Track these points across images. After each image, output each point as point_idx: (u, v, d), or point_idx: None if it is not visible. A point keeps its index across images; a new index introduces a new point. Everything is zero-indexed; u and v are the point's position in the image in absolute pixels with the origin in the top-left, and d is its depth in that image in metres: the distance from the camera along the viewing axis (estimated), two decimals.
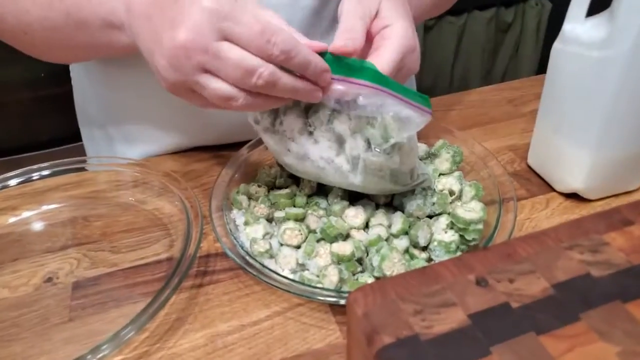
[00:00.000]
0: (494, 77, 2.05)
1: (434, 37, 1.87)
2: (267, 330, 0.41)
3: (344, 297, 0.39)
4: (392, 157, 0.41)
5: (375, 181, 0.44)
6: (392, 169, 0.43)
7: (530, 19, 1.94)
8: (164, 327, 0.42)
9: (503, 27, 1.95)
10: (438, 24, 1.85)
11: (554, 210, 0.50)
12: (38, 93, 1.46)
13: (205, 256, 0.48)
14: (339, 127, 0.42)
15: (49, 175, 0.53)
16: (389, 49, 0.41)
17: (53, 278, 0.46)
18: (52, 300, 0.44)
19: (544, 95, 0.51)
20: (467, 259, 0.35)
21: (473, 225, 0.43)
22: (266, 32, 0.35)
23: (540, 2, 1.91)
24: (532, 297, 0.32)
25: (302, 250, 0.44)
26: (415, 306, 0.32)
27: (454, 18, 1.83)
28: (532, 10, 1.91)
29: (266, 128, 0.45)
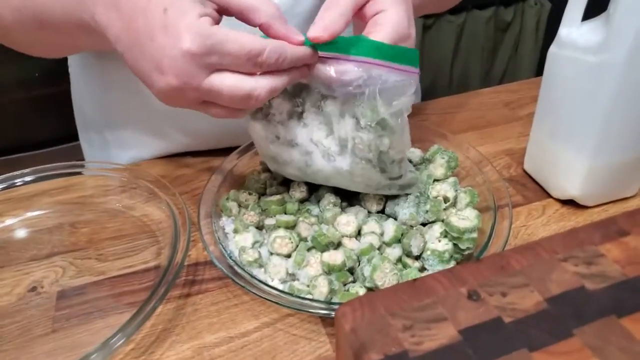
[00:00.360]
0: (494, 76, 2.04)
1: (432, 35, 1.86)
2: (256, 342, 0.40)
3: (334, 309, 0.38)
4: (382, 138, 0.41)
5: (363, 166, 0.43)
6: (381, 151, 0.42)
7: (529, 19, 1.92)
8: (150, 339, 0.41)
9: (502, 27, 1.93)
10: (437, 23, 1.84)
11: (550, 217, 0.49)
12: (32, 93, 1.46)
13: (194, 264, 0.47)
14: (329, 107, 0.41)
15: (33, 181, 0.52)
16: (379, 36, 0.40)
17: (37, 287, 0.45)
18: (35, 310, 0.43)
19: (540, 99, 0.50)
20: (459, 271, 0.34)
21: (467, 234, 0.42)
22: (252, 56, 0.35)
23: (540, 1, 1.90)
24: (525, 312, 0.31)
25: (292, 259, 0.43)
26: (404, 321, 0.31)
27: (453, 17, 1.82)
28: (531, 10, 1.90)
29: (254, 113, 0.44)
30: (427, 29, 1.82)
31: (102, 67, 0.59)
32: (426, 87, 1.96)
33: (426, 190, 0.48)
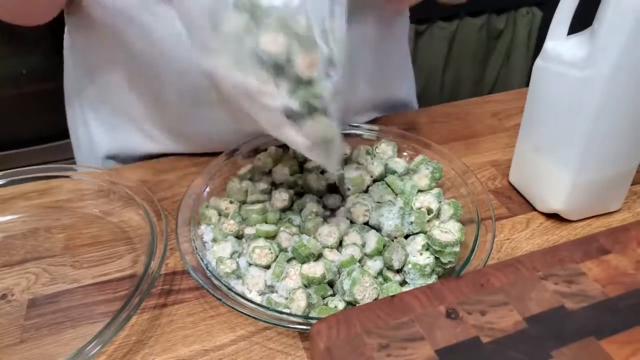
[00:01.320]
0: (485, 84, 2.05)
1: (425, 42, 1.86)
2: (231, 356, 0.39)
3: (311, 324, 0.37)
4: None
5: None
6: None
7: (521, 27, 1.94)
8: (122, 350, 0.40)
9: (494, 34, 1.94)
10: (429, 29, 1.84)
11: (534, 230, 0.49)
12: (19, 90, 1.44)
13: (171, 273, 0.46)
14: None
15: (6, 184, 0.51)
16: None
17: (7, 295, 0.44)
18: (4, 319, 0.42)
19: (526, 112, 0.49)
20: (438, 288, 0.33)
21: (449, 247, 0.42)
22: None
23: (531, 10, 1.91)
24: (504, 332, 0.30)
25: (271, 271, 0.42)
26: (380, 340, 0.30)
27: (446, 24, 1.83)
28: (523, 19, 1.91)
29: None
30: (420, 35, 1.82)
31: (102, 58, 0.59)
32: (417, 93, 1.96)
33: (410, 201, 0.48)
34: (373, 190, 0.50)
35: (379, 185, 0.50)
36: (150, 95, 0.58)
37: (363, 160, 0.54)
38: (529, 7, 1.90)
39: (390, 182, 0.50)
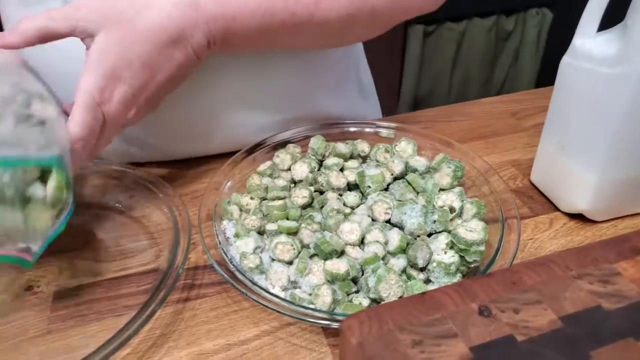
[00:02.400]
0: (493, 85, 2.04)
1: (433, 42, 1.85)
2: (255, 350, 0.39)
3: (337, 320, 0.37)
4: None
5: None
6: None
7: (530, 28, 1.93)
8: (147, 343, 0.40)
9: (503, 36, 1.94)
10: (437, 30, 1.84)
11: (557, 231, 0.49)
12: None
13: (193, 268, 0.46)
14: None
15: None
16: (72, 118, 0.39)
17: (34, 287, 0.44)
18: (31, 310, 0.42)
19: (550, 110, 0.49)
20: (469, 285, 0.33)
21: (475, 246, 0.41)
22: None
23: (541, 11, 1.90)
24: (539, 330, 0.30)
25: (294, 266, 0.42)
26: (414, 336, 0.30)
27: (454, 24, 1.82)
28: (532, 20, 1.91)
29: None
30: (428, 35, 1.82)
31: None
32: (424, 94, 1.96)
33: (432, 199, 0.47)
34: (394, 188, 0.50)
35: (399, 183, 0.50)
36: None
37: (382, 158, 0.54)
38: (539, 8, 1.89)
39: (411, 180, 0.50)
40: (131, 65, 0.41)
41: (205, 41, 0.45)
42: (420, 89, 1.95)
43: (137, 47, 0.41)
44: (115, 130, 0.44)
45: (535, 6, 1.89)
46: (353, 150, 0.55)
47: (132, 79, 0.42)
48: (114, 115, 0.42)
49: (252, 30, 0.46)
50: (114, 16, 0.41)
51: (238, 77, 0.53)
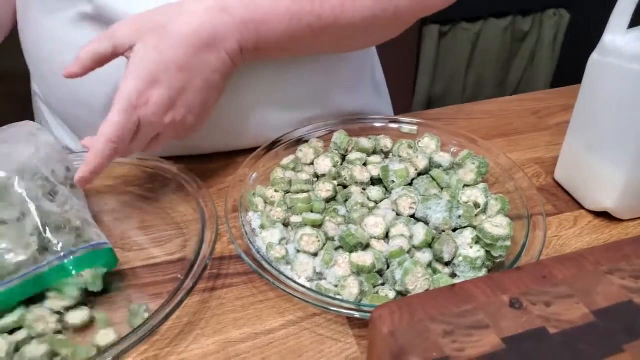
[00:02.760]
0: (508, 86, 2.03)
1: (448, 42, 1.85)
2: (282, 340, 0.39)
3: (364, 310, 0.37)
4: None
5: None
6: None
7: (547, 29, 1.92)
8: (174, 331, 0.41)
9: (519, 36, 1.93)
10: (453, 30, 1.83)
11: (582, 228, 0.49)
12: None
13: (218, 258, 0.47)
14: None
15: None
16: (110, 116, 0.42)
17: None
18: None
19: (577, 108, 0.49)
20: (499, 278, 0.33)
21: (501, 241, 0.41)
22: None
23: (559, 12, 1.89)
24: (571, 324, 0.30)
25: (320, 258, 0.43)
26: (445, 327, 0.30)
27: (470, 25, 1.82)
28: (549, 20, 1.89)
29: None
30: (443, 35, 1.81)
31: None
32: (439, 94, 1.95)
33: (456, 195, 0.47)
34: (418, 183, 0.50)
35: (423, 179, 0.50)
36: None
37: (405, 154, 0.54)
38: (556, 8, 1.88)
39: (435, 175, 0.50)
40: (168, 70, 0.43)
41: (238, 46, 0.46)
42: (434, 88, 1.95)
43: (173, 52, 0.43)
44: (149, 134, 0.46)
45: (553, 7, 1.87)
46: (376, 146, 0.55)
47: (169, 82, 0.43)
48: (150, 118, 0.44)
49: (281, 35, 0.47)
50: (149, 27, 0.44)
51: (262, 79, 0.54)
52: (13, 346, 0.37)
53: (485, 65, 1.95)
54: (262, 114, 0.57)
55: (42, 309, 0.39)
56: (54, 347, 0.37)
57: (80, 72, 0.44)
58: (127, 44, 0.44)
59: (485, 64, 1.95)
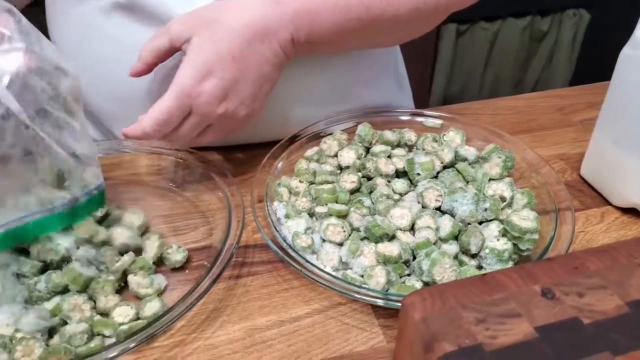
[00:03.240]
0: (525, 86, 2.01)
1: (466, 41, 1.84)
2: (307, 328, 0.40)
3: (391, 299, 0.37)
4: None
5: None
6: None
7: (566, 30, 1.89)
8: (200, 317, 0.41)
9: (537, 36, 1.91)
10: (471, 29, 1.82)
11: (609, 224, 0.48)
12: None
13: (243, 247, 0.47)
14: None
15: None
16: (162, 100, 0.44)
17: None
18: None
19: (606, 103, 0.48)
20: (530, 268, 0.33)
21: (529, 234, 0.41)
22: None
23: (579, 12, 1.87)
24: (605, 314, 0.30)
25: (345, 248, 0.43)
26: (477, 315, 0.30)
27: (488, 24, 1.80)
28: (569, 21, 1.87)
29: None
30: (461, 34, 1.80)
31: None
32: (455, 93, 1.94)
33: (482, 188, 0.47)
34: (443, 176, 0.50)
35: (449, 172, 0.50)
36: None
37: (429, 147, 0.54)
38: (576, 8, 1.85)
39: (461, 169, 0.50)
40: (222, 60, 0.44)
41: (290, 36, 0.47)
42: (451, 88, 1.93)
43: (226, 44, 0.44)
44: (202, 124, 0.47)
45: (572, 7, 1.85)
46: (400, 139, 0.55)
47: (222, 72, 0.45)
48: (203, 107, 0.45)
49: (331, 26, 0.48)
50: (203, 21, 0.45)
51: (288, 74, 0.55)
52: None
53: (503, 65, 1.94)
54: (288, 108, 0.57)
55: (77, 296, 0.40)
56: (95, 327, 0.38)
57: (145, 69, 0.47)
58: (182, 38, 0.45)
59: (503, 64, 1.93)
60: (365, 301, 0.38)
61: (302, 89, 0.57)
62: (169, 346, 0.39)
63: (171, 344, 0.39)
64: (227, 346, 0.39)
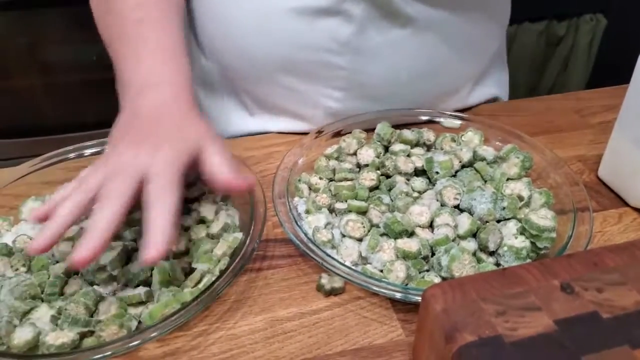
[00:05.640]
0: (540, 91, 2.00)
1: None
2: (327, 320, 0.41)
3: (410, 293, 0.38)
4: None
5: None
6: None
7: (583, 35, 1.88)
8: (222, 307, 0.42)
9: (554, 41, 1.89)
10: None
11: (627, 225, 0.48)
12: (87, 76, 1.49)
13: (264, 241, 0.48)
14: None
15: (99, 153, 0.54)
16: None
17: None
18: None
19: (626, 104, 0.48)
20: (549, 264, 0.34)
21: (547, 233, 0.42)
22: None
23: (596, 17, 1.85)
24: (624, 309, 0.30)
25: (365, 243, 0.44)
26: (497, 307, 0.31)
27: None
28: (586, 25, 1.86)
29: None
30: None
31: None
32: None
33: (500, 187, 0.48)
34: (461, 175, 0.51)
35: (467, 171, 0.51)
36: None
37: (448, 147, 0.55)
38: (593, 13, 1.84)
39: (479, 168, 0.51)
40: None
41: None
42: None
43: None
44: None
45: (589, 12, 1.84)
46: (419, 138, 0.56)
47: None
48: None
49: None
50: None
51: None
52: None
53: (519, 70, 1.93)
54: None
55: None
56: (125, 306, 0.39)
57: None
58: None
59: (519, 68, 1.92)
60: (385, 294, 0.39)
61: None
62: (193, 335, 0.40)
63: (195, 333, 0.40)
64: (249, 336, 0.40)
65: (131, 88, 0.45)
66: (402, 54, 0.57)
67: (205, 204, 0.48)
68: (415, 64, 0.59)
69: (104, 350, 0.35)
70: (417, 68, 0.59)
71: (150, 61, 0.46)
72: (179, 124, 0.43)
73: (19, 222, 0.47)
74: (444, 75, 0.62)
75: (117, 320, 0.37)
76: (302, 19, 0.54)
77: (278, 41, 0.56)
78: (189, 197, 0.49)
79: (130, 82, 0.46)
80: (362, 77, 0.58)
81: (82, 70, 1.46)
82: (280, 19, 0.55)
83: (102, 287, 0.41)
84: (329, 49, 0.56)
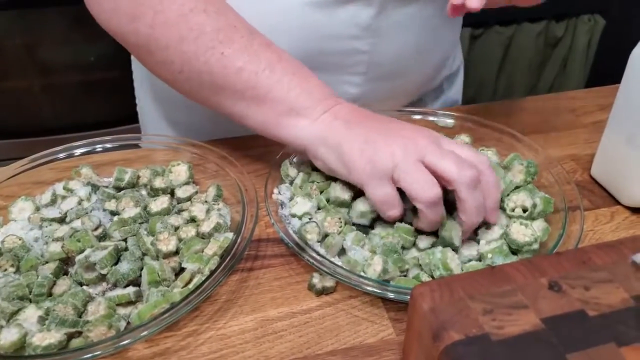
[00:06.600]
0: (539, 91, 2.00)
1: (480, 46, 1.83)
2: (318, 320, 0.41)
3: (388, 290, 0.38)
4: None
5: None
6: None
7: (581, 35, 1.88)
8: (213, 307, 0.42)
9: (552, 42, 1.90)
10: (485, 33, 1.81)
11: (619, 224, 0.48)
12: (86, 77, 1.49)
13: (257, 240, 0.48)
14: None
15: (111, 149, 0.54)
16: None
17: None
18: None
19: (617, 103, 0.48)
20: (538, 262, 0.34)
21: (527, 246, 0.41)
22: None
23: (594, 18, 1.85)
24: (611, 307, 0.30)
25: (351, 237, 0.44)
26: (484, 305, 0.31)
27: (502, 28, 1.80)
28: (584, 26, 1.86)
29: None
30: (475, 38, 1.80)
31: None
32: (469, 97, 1.94)
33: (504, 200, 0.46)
34: None
35: None
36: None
37: None
38: (591, 14, 1.84)
39: None
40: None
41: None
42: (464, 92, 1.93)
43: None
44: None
45: (588, 12, 1.84)
46: None
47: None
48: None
49: None
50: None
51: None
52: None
53: (517, 70, 1.93)
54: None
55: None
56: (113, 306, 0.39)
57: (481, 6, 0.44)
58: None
59: (517, 69, 1.92)
60: (376, 294, 0.39)
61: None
62: (182, 335, 0.40)
63: (184, 333, 0.40)
64: (239, 336, 0.40)
65: (318, 103, 0.46)
66: (412, 29, 0.59)
67: (196, 203, 0.48)
68: (421, 37, 0.60)
69: (92, 350, 0.35)
70: (422, 41, 0.60)
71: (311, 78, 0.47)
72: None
73: (9, 222, 0.47)
74: (443, 43, 0.64)
75: (105, 321, 0.37)
76: (322, 10, 0.54)
77: (298, 37, 0.56)
78: (180, 197, 0.50)
79: (312, 96, 0.46)
80: (380, 58, 0.59)
81: (81, 70, 1.47)
82: (299, 14, 0.54)
83: (91, 287, 0.41)
84: (350, 36, 0.56)
